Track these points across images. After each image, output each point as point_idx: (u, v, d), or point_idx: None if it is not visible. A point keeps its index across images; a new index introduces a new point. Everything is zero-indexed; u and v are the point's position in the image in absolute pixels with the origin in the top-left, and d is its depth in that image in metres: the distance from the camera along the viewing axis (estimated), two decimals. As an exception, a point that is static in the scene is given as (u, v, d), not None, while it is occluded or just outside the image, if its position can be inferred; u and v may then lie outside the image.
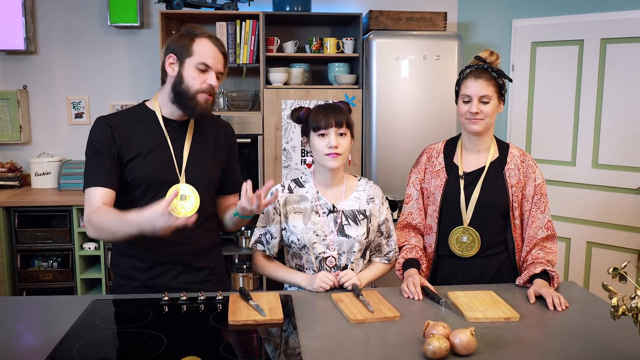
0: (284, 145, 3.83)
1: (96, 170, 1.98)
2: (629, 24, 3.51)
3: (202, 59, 1.97)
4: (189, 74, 1.97)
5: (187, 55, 1.97)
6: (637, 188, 3.52)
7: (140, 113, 2.09)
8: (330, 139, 2.05)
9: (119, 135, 2.00)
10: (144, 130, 2.04)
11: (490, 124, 2.19)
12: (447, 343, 1.51)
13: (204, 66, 1.97)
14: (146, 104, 2.11)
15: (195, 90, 1.97)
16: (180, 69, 1.98)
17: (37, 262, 3.79)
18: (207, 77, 1.98)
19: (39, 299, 2.03)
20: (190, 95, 1.97)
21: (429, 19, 3.90)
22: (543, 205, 2.18)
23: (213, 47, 1.99)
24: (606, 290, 1.40)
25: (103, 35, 4.17)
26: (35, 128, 4.21)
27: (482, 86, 2.13)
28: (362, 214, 2.14)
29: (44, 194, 3.88)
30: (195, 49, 1.97)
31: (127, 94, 4.23)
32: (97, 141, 2.00)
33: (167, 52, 2.01)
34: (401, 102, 3.80)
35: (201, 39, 1.98)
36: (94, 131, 2.02)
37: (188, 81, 1.97)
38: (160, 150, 2.02)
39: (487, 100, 2.14)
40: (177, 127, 2.07)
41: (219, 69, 2.01)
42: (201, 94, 1.98)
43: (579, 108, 3.75)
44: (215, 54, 1.99)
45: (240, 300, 1.88)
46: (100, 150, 1.98)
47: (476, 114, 2.14)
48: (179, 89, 1.98)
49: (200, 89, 1.97)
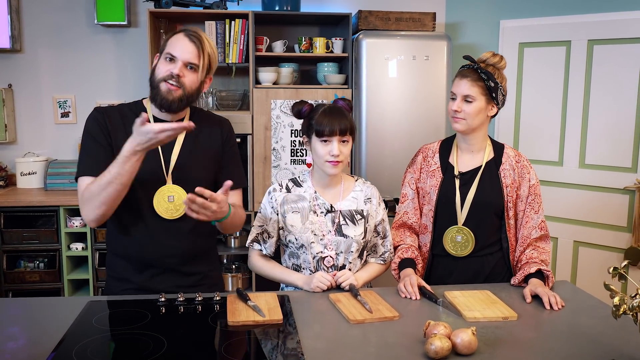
0: (273, 145, 3.82)
1: (90, 159, 1.97)
2: (616, 25, 3.55)
3: (168, 50, 1.96)
4: (158, 66, 1.98)
5: (162, 50, 1.99)
6: (624, 188, 3.57)
7: (134, 109, 2.06)
8: (332, 147, 2.02)
9: (112, 127, 1.99)
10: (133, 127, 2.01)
11: (474, 125, 2.18)
12: (449, 343, 1.52)
13: (170, 55, 1.95)
14: (143, 101, 2.10)
15: (158, 79, 1.95)
16: (156, 63, 2.00)
17: (23, 262, 3.74)
18: (171, 67, 1.95)
19: (30, 301, 2.00)
20: (154, 85, 1.96)
21: (418, 19, 3.92)
22: (537, 205, 2.20)
23: (183, 38, 1.96)
24: (608, 290, 1.42)
25: (90, 34, 4.12)
26: (20, 127, 4.15)
27: (466, 86, 2.14)
28: (359, 214, 2.14)
29: (30, 194, 3.83)
30: (169, 43, 1.98)
31: (114, 93, 4.19)
32: (92, 129, 1.99)
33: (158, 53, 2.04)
34: (390, 102, 3.81)
35: (177, 34, 1.98)
36: (89, 119, 2.02)
37: (156, 73, 1.97)
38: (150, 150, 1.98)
39: (470, 100, 2.13)
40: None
41: (187, 59, 1.95)
42: (163, 82, 1.94)
43: (566, 108, 3.79)
44: (184, 44, 1.96)
45: (239, 301, 1.87)
46: (95, 137, 1.98)
47: (456, 112, 2.15)
48: (151, 81, 1.98)
49: (163, 77, 1.94)
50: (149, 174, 1.97)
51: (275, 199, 2.14)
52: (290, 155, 3.84)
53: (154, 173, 1.99)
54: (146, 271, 2.03)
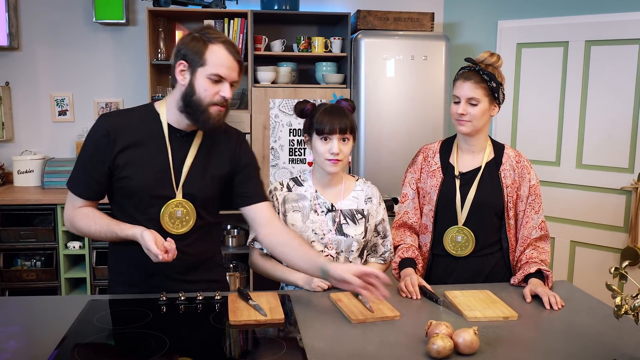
0: (271, 144, 3.82)
1: (84, 179, 1.93)
2: (613, 26, 3.57)
3: (215, 70, 1.82)
4: (200, 84, 1.83)
5: (199, 64, 1.82)
6: (621, 188, 3.59)
7: (145, 116, 1.96)
8: (332, 145, 2.03)
9: (117, 139, 1.89)
10: (145, 136, 1.92)
11: (480, 126, 2.19)
12: (451, 342, 1.52)
13: (218, 77, 1.82)
14: (154, 105, 1.99)
15: (207, 103, 1.83)
16: (191, 78, 1.84)
17: (20, 261, 3.73)
18: (220, 89, 1.84)
19: (29, 300, 1.99)
20: (202, 108, 1.84)
21: (417, 19, 3.93)
22: (537, 205, 2.21)
23: (228, 55, 1.83)
24: (610, 290, 1.42)
25: (88, 32, 4.11)
26: (18, 125, 4.14)
27: (470, 88, 2.13)
28: (360, 213, 2.15)
29: (27, 192, 3.82)
30: (209, 57, 1.82)
31: (112, 91, 4.19)
32: (92, 145, 1.92)
33: (177, 57, 1.86)
34: (389, 102, 3.82)
35: (215, 46, 1.82)
36: (92, 131, 1.93)
37: (200, 92, 1.83)
38: (159, 161, 1.91)
39: (474, 103, 2.13)
40: (182, 137, 1.95)
41: (234, 78, 1.86)
42: (213, 106, 1.84)
43: (564, 109, 3.81)
44: (230, 62, 1.84)
45: (240, 300, 1.87)
46: (93, 155, 1.91)
47: (462, 115, 2.15)
48: (189, 99, 1.84)
49: (212, 101, 1.84)
50: (159, 188, 1.91)
51: (277, 198, 2.15)
52: (289, 154, 3.84)
53: (164, 186, 1.91)
54: (151, 279, 1.98)
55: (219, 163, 2.00)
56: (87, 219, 1.93)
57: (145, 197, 1.91)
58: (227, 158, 2.01)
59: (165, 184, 1.92)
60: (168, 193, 1.92)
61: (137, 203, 1.93)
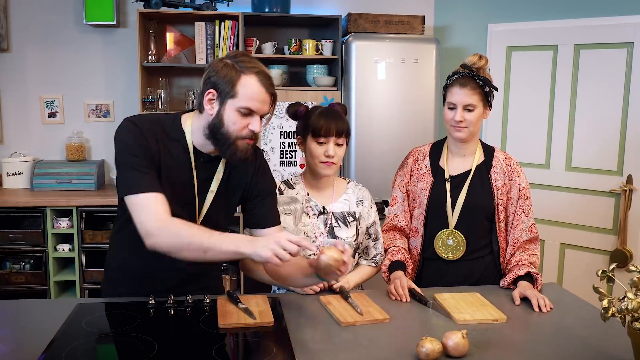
0: (262, 146, 3.82)
1: (147, 175, 1.74)
2: (602, 30, 3.59)
3: (246, 103, 1.72)
4: (229, 117, 1.73)
5: (229, 95, 1.72)
6: (610, 191, 3.61)
7: (172, 130, 1.84)
8: (328, 148, 2.03)
9: (149, 141, 1.77)
10: (171, 152, 1.82)
11: (475, 131, 2.21)
12: (440, 345, 1.53)
13: (248, 110, 1.73)
14: (181, 120, 1.87)
15: (235, 137, 1.75)
16: (220, 108, 1.74)
17: (8, 264, 3.70)
18: (249, 122, 1.74)
19: (17, 303, 1.97)
20: (229, 142, 1.75)
21: (407, 23, 3.94)
22: (527, 208, 2.22)
23: (260, 88, 1.73)
24: (597, 293, 1.43)
25: (78, 34, 4.09)
26: (7, 127, 4.11)
27: (467, 95, 2.13)
28: (351, 216, 2.15)
29: (16, 194, 3.80)
30: (240, 89, 1.71)
31: (102, 93, 4.16)
32: (130, 141, 1.76)
33: (207, 85, 1.75)
34: (379, 105, 3.83)
35: (248, 77, 1.72)
36: (123, 131, 1.79)
37: (228, 125, 1.74)
38: (183, 186, 1.83)
39: (471, 109, 2.14)
40: (205, 162, 1.86)
41: (265, 112, 1.77)
42: (241, 140, 1.76)
43: (553, 112, 3.83)
44: (262, 96, 1.74)
45: (229, 304, 1.87)
46: (136, 150, 1.75)
47: (460, 122, 2.15)
48: (217, 131, 1.75)
49: (241, 135, 1.75)
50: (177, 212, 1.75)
51: None
52: (280, 157, 3.84)
53: (183, 212, 1.80)
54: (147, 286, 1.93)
55: (235, 190, 1.94)
56: (188, 226, 1.71)
57: None
58: (242, 186, 1.94)
59: (188, 210, 1.84)
60: (188, 216, 1.82)
61: None
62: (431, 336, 1.55)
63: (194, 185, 1.85)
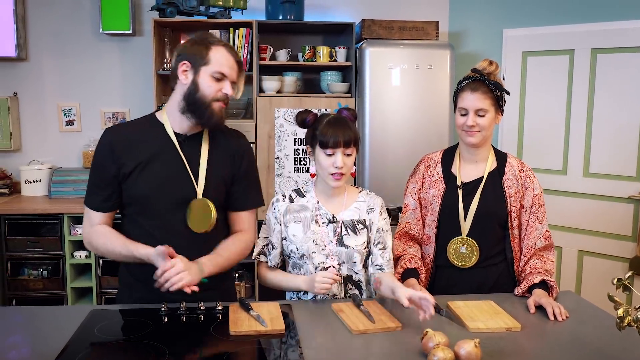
0: (277, 153, 3.82)
1: (97, 194, 2.01)
2: (619, 34, 3.55)
3: (218, 68, 1.93)
4: (204, 82, 1.93)
5: (202, 63, 1.93)
6: (628, 197, 3.56)
7: (150, 124, 2.04)
8: (336, 159, 1.99)
9: (122, 151, 1.96)
10: (153, 142, 1.99)
11: (487, 136, 2.19)
12: (452, 354, 1.51)
13: (220, 75, 1.94)
14: (156, 115, 2.07)
15: (211, 99, 1.93)
16: (194, 76, 1.94)
17: (27, 270, 3.74)
18: (222, 86, 1.95)
19: (33, 309, 1.99)
20: (205, 104, 1.93)
21: (421, 28, 3.93)
22: (541, 215, 2.19)
23: (229, 56, 1.96)
24: (612, 301, 1.41)
25: (95, 43, 4.14)
26: (25, 135, 4.17)
27: (479, 99, 2.12)
28: (361, 223, 2.11)
29: (34, 201, 3.84)
30: (212, 57, 1.93)
31: (119, 101, 4.21)
32: (98, 158, 2.01)
33: (179, 59, 1.97)
34: (394, 111, 3.82)
35: (217, 47, 1.95)
36: (97, 146, 2.02)
37: (204, 89, 1.93)
38: (173, 163, 1.98)
39: (483, 114, 2.12)
40: (186, 141, 2.01)
41: (234, 78, 1.98)
42: (216, 102, 1.95)
43: (570, 117, 3.79)
44: (231, 62, 1.96)
45: (241, 311, 1.87)
46: (101, 170, 1.99)
47: (472, 127, 2.13)
48: (193, 97, 1.94)
49: (216, 97, 1.94)
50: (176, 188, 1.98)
51: (278, 209, 2.12)
52: (294, 163, 3.84)
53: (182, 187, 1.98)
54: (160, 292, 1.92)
55: (223, 163, 2.06)
56: (103, 237, 2.00)
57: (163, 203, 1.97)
58: (231, 158, 2.08)
59: (185, 186, 1.98)
60: (188, 193, 1.98)
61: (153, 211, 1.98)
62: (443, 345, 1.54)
63: (184, 163, 1.98)
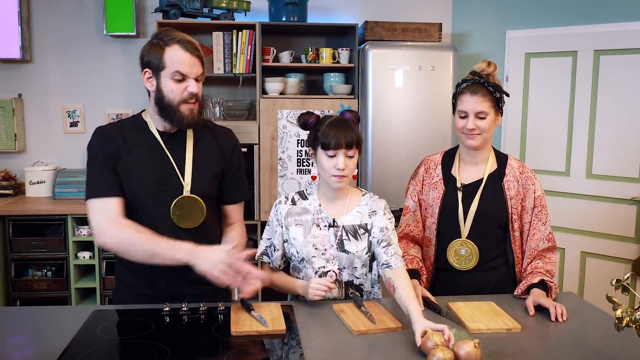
0: (280, 154, 3.84)
1: (96, 182, 1.96)
2: (622, 35, 3.55)
3: (175, 68, 1.90)
4: (166, 86, 1.92)
5: (160, 67, 1.91)
6: (631, 198, 3.56)
7: (136, 123, 2.06)
8: (338, 161, 1.97)
9: (114, 143, 1.98)
10: (139, 140, 2.01)
11: (488, 138, 2.18)
12: (452, 354, 1.51)
13: (180, 75, 1.91)
14: (141, 114, 2.09)
15: (177, 102, 1.92)
16: (157, 83, 1.93)
17: (31, 271, 3.77)
18: (186, 86, 1.92)
19: (36, 309, 2.00)
20: (173, 108, 1.93)
21: (424, 30, 3.93)
22: (544, 217, 2.19)
23: (184, 52, 1.90)
24: (610, 302, 1.41)
25: (99, 44, 4.16)
26: (30, 136, 4.19)
27: (478, 102, 2.10)
28: (363, 228, 2.08)
29: (39, 202, 3.86)
30: (167, 59, 1.90)
31: (123, 103, 4.23)
32: (94, 153, 1.99)
33: (142, 67, 1.96)
34: (397, 112, 3.83)
35: (170, 47, 1.90)
36: (90, 143, 2.02)
37: (168, 94, 1.92)
38: (159, 160, 1.99)
39: (483, 116, 2.11)
40: (170, 139, 2.03)
41: (196, 74, 1.94)
42: (183, 104, 1.93)
43: (573, 118, 3.79)
44: (188, 59, 1.91)
45: (242, 311, 1.88)
46: (98, 160, 1.97)
47: (473, 130, 2.12)
48: (161, 103, 1.94)
49: (182, 99, 1.92)
50: (163, 184, 1.98)
51: (280, 211, 2.11)
52: (297, 165, 3.85)
53: (168, 183, 1.99)
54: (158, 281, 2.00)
55: (213, 158, 2.08)
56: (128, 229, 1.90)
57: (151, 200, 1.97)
58: (221, 152, 2.09)
59: (172, 183, 1.98)
60: (175, 188, 1.98)
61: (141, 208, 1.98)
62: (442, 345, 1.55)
63: (170, 161, 1.99)
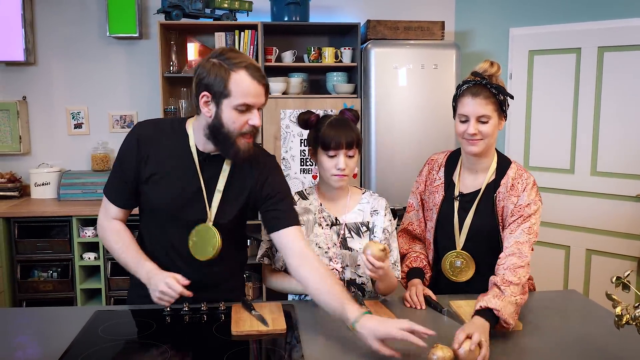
0: (283, 154, 3.84)
1: (117, 188, 1.95)
2: (626, 32, 3.53)
3: (242, 100, 1.71)
4: (228, 117, 1.73)
5: (223, 95, 1.72)
6: (636, 195, 3.54)
7: (177, 133, 1.90)
8: (339, 161, 1.98)
9: (146, 148, 1.87)
10: (176, 153, 1.88)
11: (491, 144, 2.02)
12: (451, 353, 1.51)
13: (245, 106, 1.73)
14: (186, 124, 1.91)
15: (236, 134, 1.76)
16: (217, 110, 1.74)
17: (37, 272, 3.78)
18: (249, 117, 1.75)
19: (40, 310, 2.01)
20: (231, 141, 1.76)
21: (427, 28, 3.93)
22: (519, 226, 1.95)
23: (252, 82, 1.71)
24: (610, 300, 1.41)
25: (102, 46, 4.18)
26: (34, 139, 4.21)
27: (480, 105, 1.95)
28: (365, 225, 2.10)
29: (44, 204, 3.88)
30: (232, 86, 1.70)
31: (126, 104, 4.24)
32: (122, 152, 1.92)
33: (199, 88, 1.75)
34: (399, 111, 3.82)
35: (237, 73, 1.71)
36: (126, 137, 1.92)
37: (228, 125, 1.74)
38: (190, 181, 1.87)
39: (485, 120, 1.96)
40: (207, 161, 1.88)
41: (261, 104, 1.77)
42: (242, 137, 1.77)
43: (577, 116, 3.77)
44: (255, 89, 1.72)
45: (243, 311, 1.88)
46: (123, 164, 1.91)
47: (474, 135, 1.97)
48: (218, 131, 1.76)
49: (242, 132, 1.76)
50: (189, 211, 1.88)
51: None
52: (300, 164, 3.85)
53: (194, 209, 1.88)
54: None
55: (242, 190, 1.93)
56: (116, 235, 1.95)
57: (173, 218, 1.89)
58: (248, 186, 1.93)
59: (197, 207, 1.88)
60: (199, 217, 1.88)
61: (162, 222, 1.92)
62: (445, 344, 1.54)
63: (200, 184, 1.87)
